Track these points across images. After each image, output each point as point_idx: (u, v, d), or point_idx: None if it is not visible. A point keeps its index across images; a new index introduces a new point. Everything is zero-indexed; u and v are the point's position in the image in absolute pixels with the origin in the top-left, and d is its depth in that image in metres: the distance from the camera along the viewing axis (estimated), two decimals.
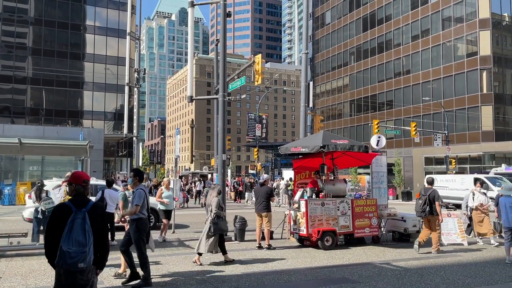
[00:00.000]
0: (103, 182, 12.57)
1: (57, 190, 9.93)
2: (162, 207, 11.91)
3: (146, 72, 28.88)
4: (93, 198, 11.07)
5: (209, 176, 31.34)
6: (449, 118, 41.91)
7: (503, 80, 44.16)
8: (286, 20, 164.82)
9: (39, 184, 10.11)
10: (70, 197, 9.60)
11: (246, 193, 27.73)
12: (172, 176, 29.11)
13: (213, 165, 36.85)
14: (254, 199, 11.44)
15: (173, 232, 13.19)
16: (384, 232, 11.72)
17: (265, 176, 11.64)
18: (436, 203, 9.83)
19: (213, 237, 8.49)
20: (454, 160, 38.73)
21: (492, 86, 42.72)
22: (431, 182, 10.31)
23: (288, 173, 30.41)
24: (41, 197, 9.67)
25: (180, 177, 38.02)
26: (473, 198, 11.75)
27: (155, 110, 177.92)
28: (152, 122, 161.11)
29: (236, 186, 29.94)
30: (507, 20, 44.55)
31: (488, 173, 38.95)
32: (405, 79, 51.34)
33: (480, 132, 42.64)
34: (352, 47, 60.26)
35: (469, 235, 12.24)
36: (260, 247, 10.41)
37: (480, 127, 42.66)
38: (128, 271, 7.06)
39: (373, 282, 7.21)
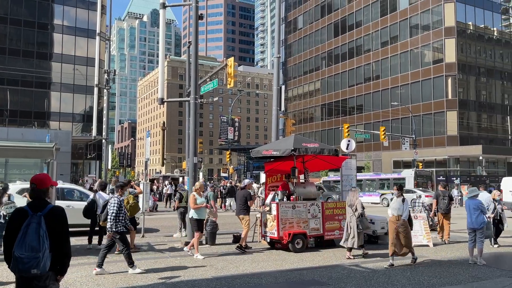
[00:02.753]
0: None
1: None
2: (195, 216, 9.88)
3: (116, 73, 28.33)
4: (84, 203, 11.21)
5: (180, 179, 30.91)
6: (416, 123, 43.10)
7: (467, 86, 45.85)
8: (259, 24, 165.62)
9: (0, 188, 9.75)
10: (132, 197, 10.36)
11: (227, 198, 25.95)
12: (142, 179, 28.58)
13: (184, 168, 36.54)
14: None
15: (143, 236, 12.98)
16: None
17: (246, 181, 11.71)
18: (451, 202, 12.72)
19: (360, 233, 9.58)
20: (421, 164, 39.84)
21: (457, 92, 44.26)
22: (445, 186, 13.34)
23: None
24: (1, 201, 9.32)
25: (151, 181, 37.47)
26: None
27: (125, 112, 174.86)
28: (122, 124, 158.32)
29: (222, 191, 26.72)
30: (471, 28, 46.32)
31: (453, 176, 40.30)
32: (375, 84, 52.49)
33: (445, 137, 44.05)
34: (324, 52, 61.16)
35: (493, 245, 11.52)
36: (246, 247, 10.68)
37: (446, 132, 44.10)
38: None
39: (342, 284, 7.31)
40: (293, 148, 10.84)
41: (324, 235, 11.09)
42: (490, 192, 13.51)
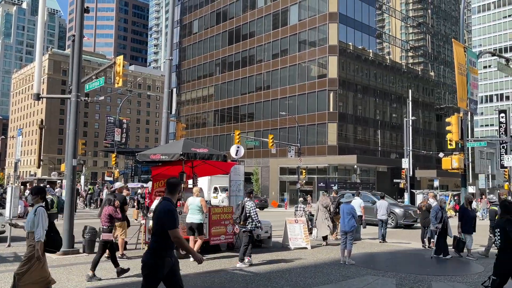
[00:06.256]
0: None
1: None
2: (203, 221, 10.33)
3: None
4: None
5: (58, 183, 28.36)
6: (301, 132, 45.80)
7: (346, 101, 50.19)
8: (153, 24, 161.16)
9: None
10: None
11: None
12: (11, 182, 25.61)
13: (63, 170, 33.68)
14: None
15: (9, 245, 11.62)
16: (238, 239, 12.14)
17: (117, 184, 11.14)
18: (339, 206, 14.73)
19: (329, 226, 13.06)
20: (304, 171, 42.40)
21: (337, 105, 48.15)
22: (337, 192, 16.05)
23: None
24: None
25: (23, 184, 33.82)
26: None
27: None
28: None
29: (140, 200, 21.14)
30: (351, 48, 50.88)
31: (332, 183, 43.56)
32: (265, 93, 54.60)
33: (326, 146, 47.58)
34: (218, 58, 61.82)
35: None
36: (122, 256, 10.07)
37: (327, 142, 47.63)
38: None
39: None
40: (182, 153, 10.72)
41: (210, 240, 11.12)
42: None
